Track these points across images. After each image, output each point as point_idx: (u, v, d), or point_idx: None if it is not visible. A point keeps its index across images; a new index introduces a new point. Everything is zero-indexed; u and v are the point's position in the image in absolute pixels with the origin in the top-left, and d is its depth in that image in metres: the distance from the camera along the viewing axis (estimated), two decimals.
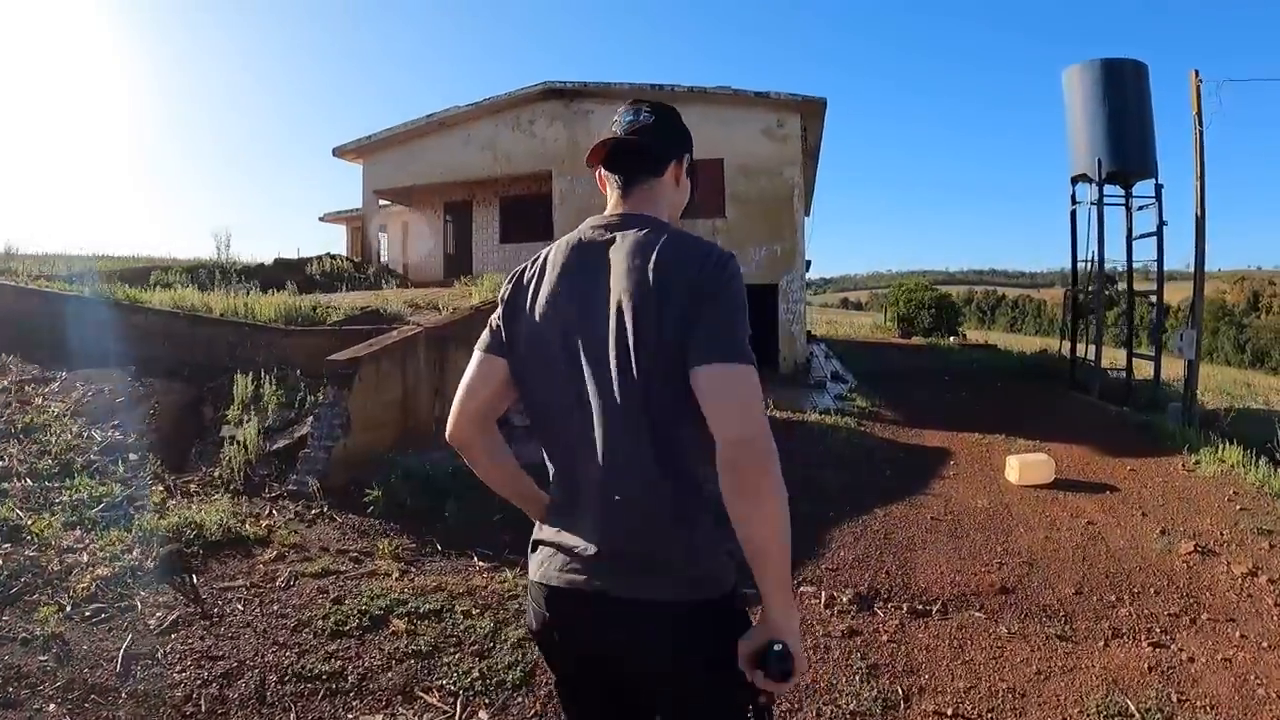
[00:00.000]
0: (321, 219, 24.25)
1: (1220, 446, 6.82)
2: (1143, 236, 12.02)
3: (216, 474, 5.21)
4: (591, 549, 1.12)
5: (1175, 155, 12.09)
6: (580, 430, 1.14)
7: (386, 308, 9.45)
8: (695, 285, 1.08)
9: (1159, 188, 11.71)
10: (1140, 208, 12.24)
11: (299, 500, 4.90)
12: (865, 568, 4.29)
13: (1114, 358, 14.21)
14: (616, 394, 1.10)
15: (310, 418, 5.89)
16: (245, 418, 5.87)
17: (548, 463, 1.26)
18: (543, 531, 1.25)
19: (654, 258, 1.11)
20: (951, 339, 26.19)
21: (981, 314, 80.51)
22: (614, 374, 1.10)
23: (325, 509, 4.79)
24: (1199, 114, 10.25)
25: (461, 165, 16.25)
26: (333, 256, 17.21)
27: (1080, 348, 13.13)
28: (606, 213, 1.25)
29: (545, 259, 1.24)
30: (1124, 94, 11.64)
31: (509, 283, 1.27)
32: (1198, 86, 10.22)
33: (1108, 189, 11.75)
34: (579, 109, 14.65)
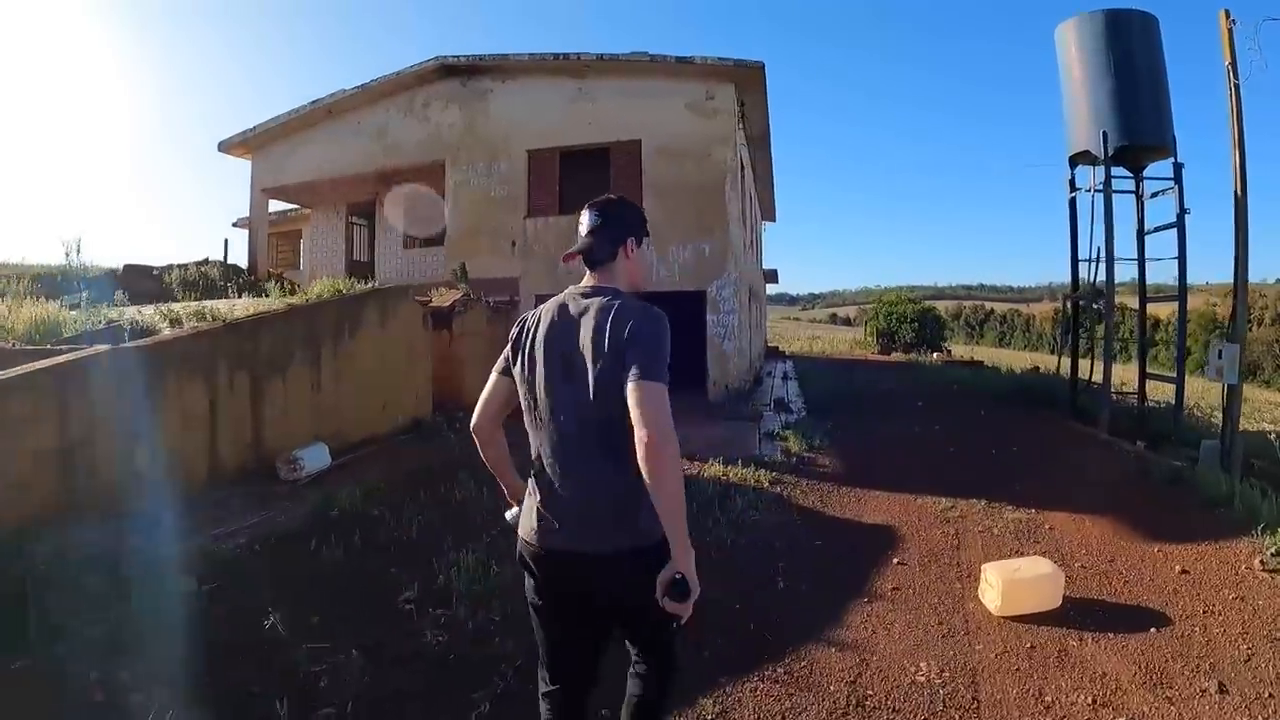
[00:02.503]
0: (235, 224, 21.72)
1: None
2: (1160, 229, 9.60)
3: None
4: (562, 518, 1.67)
5: (1189, 132, 9.72)
6: (557, 430, 1.70)
7: (145, 322, 6.94)
8: (631, 331, 1.62)
9: (1178, 167, 9.30)
10: (1154, 194, 9.84)
11: None
12: None
13: (1121, 377, 11.80)
14: (579, 406, 1.66)
15: None
16: None
17: (533, 452, 1.77)
18: (529, 501, 1.78)
19: (610, 316, 1.65)
20: (935, 355, 23.76)
21: (970, 329, 78.57)
22: (578, 392, 1.65)
23: None
24: (1233, 64, 7.89)
25: (348, 158, 13.83)
26: (202, 264, 14.75)
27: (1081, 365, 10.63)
28: (583, 284, 1.80)
29: (541, 313, 1.79)
30: (1131, 51, 9.28)
31: (517, 326, 1.83)
32: (1230, 30, 7.87)
33: (1114, 175, 9.37)
34: (476, 88, 12.27)
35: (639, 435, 1.50)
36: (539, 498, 1.73)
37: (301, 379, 6.85)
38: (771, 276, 26.87)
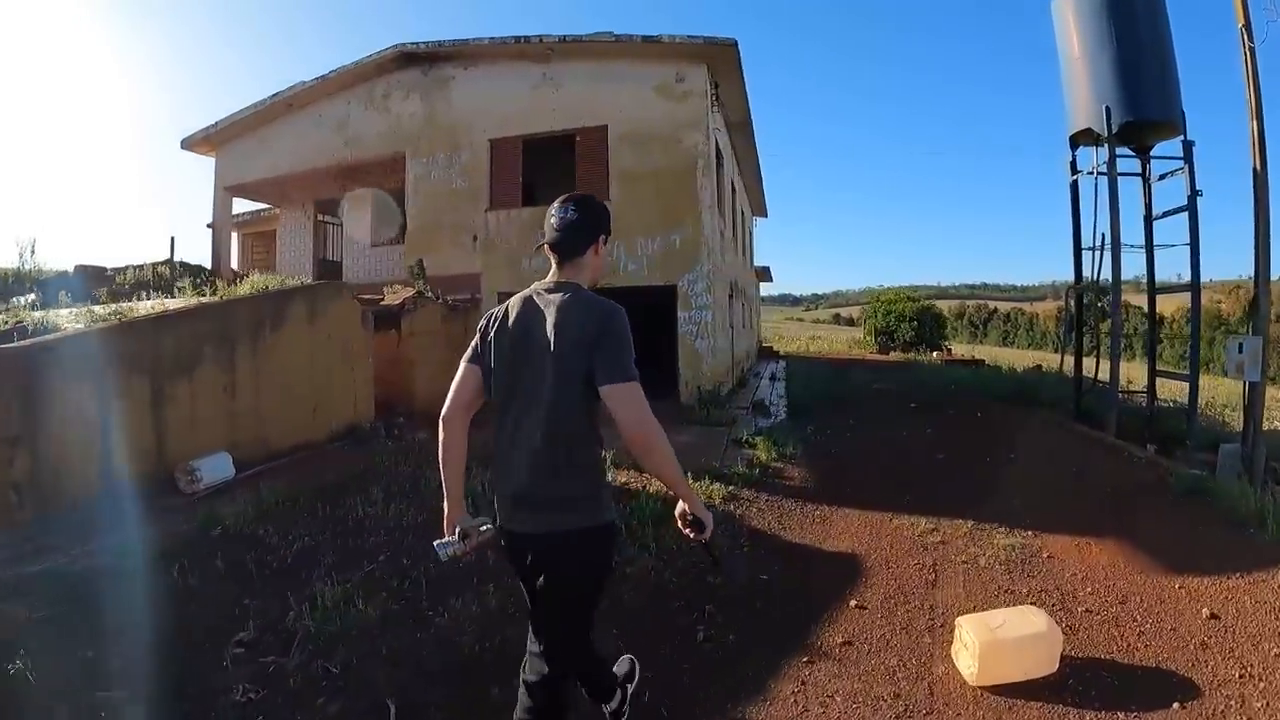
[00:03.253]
0: (210, 225, 21.05)
1: None
2: (1169, 213, 8.79)
3: None
4: (522, 500, 1.78)
5: (1196, 111, 8.91)
6: (518, 418, 1.78)
7: (53, 322, 6.22)
8: (593, 330, 1.71)
9: (1188, 145, 8.51)
10: (1162, 176, 9.03)
11: None
12: None
13: (1128, 375, 10.95)
14: (538, 398, 1.74)
15: None
16: None
17: (497, 438, 1.85)
18: (498, 487, 1.88)
19: (569, 312, 1.74)
20: (935, 354, 22.93)
21: (974, 327, 77.58)
22: (539, 384, 1.74)
23: None
24: (1247, 27, 7.10)
25: (310, 153, 13.12)
26: (158, 264, 14.05)
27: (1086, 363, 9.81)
28: (548, 279, 1.87)
29: (509, 306, 1.86)
30: (1134, 18, 8.48)
31: (485, 319, 1.91)
32: None
33: (1119, 155, 8.56)
34: (438, 75, 11.54)
35: (628, 436, 1.63)
36: (503, 480, 1.84)
37: (213, 382, 6.27)
38: (764, 274, 26.06)
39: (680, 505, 1.80)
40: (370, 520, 4.59)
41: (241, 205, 18.01)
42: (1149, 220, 9.08)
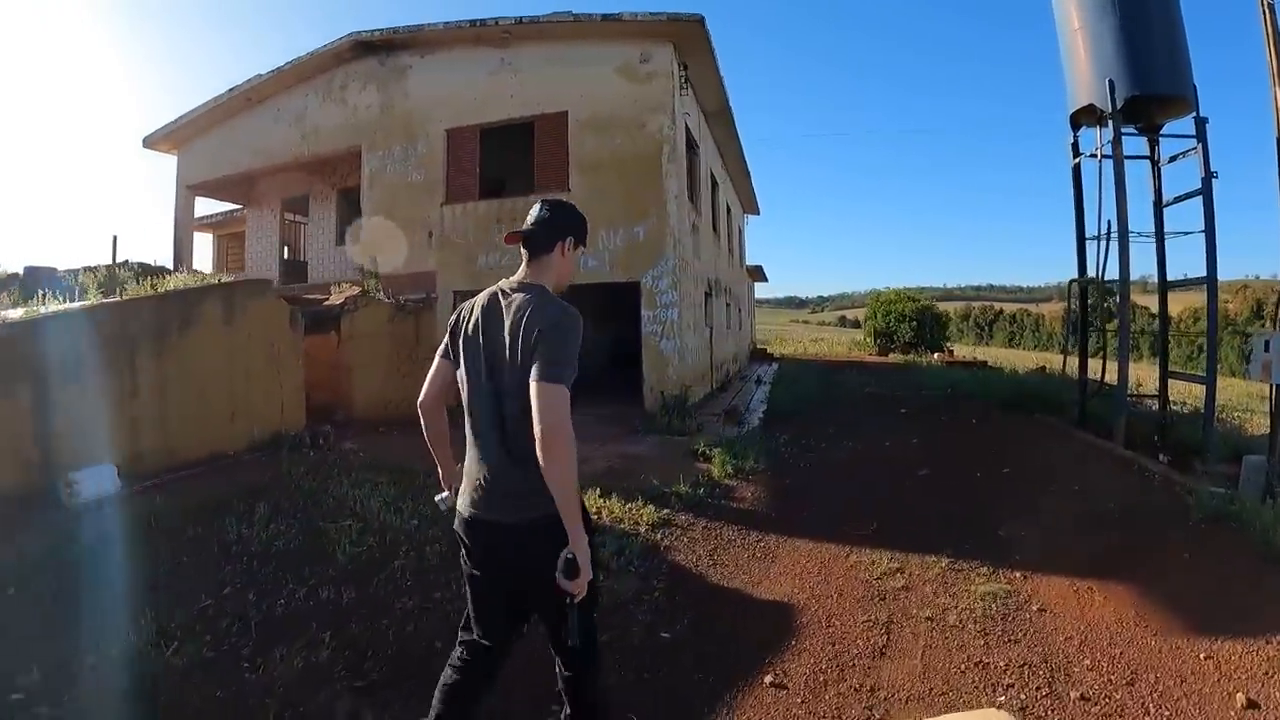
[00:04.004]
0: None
1: None
2: (1181, 199, 7.95)
3: None
4: (484, 490, 1.82)
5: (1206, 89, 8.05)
6: (482, 412, 1.83)
7: None
8: (541, 332, 1.72)
9: (1201, 122, 7.66)
10: (1172, 158, 8.19)
11: None
12: None
13: (1136, 377, 10.09)
14: (497, 394, 1.79)
15: None
16: None
17: (467, 431, 1.88)
18: (462, 477, 1.92)
19: (526, 313, 1.77)
20: (936, 356, 22.04)
21: (979, 329, 76.53)
22: (498, 380, 1.80)
23: None
24: None
25: (270, 149, 12.45)
26: (120, 265, 13.41)
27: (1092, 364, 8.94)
28: (514, 278, 1.90)
29: (475, 303, 1.92)
30: None
31: (455, 315, 1.96)
32: None
33: (1125, 134, 7.72)
34: (394, 65, 10.83)
35: (538, 436, 1.63)
36: (469, 472, 1.88)
37: (110, 387, 5.72)
38: (757, 274, 25.25)
39: (564, 551, 1.69)
40: (241, 543, 3.98)
41: (216, 206, 17.45)
42: (1159, 207, 8.24)
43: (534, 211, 1.95)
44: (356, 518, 4.36)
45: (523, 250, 1.91)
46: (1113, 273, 7.97)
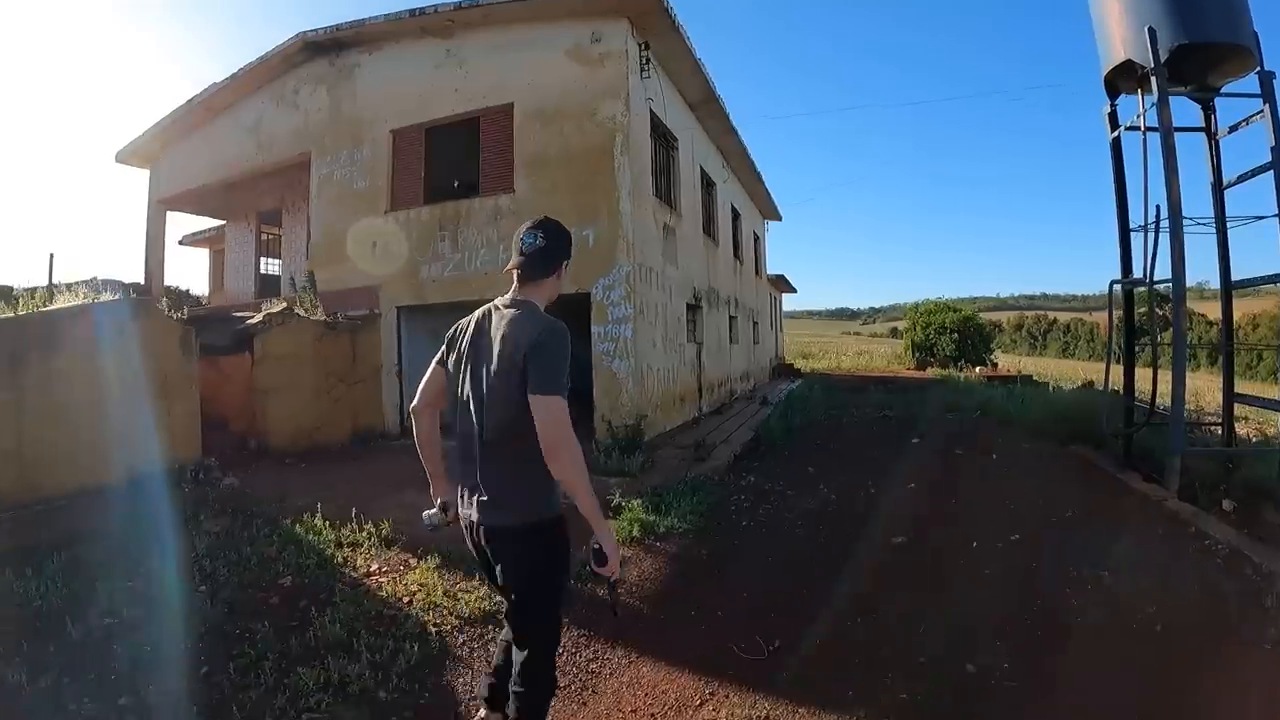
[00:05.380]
0: (181, 242, 20.30)
1: None
2: (1246, 177, 6.33)
3: None
4: (477, 497, 1.92)
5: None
6: (466, 420, 1.94)
7: None
8: (531, 344, 1.82)
9: (1268, 78, 6.04)
10: (1232, 127, 6.57)
11: None
12: None
13: (1192, 389, 8.28)
14: (488, 402, 1.89)
15: None
16: None
17: (457, 439, 1.99)
18: (458, 484, 2.02)
19: (514, 328, 1.88)
20: (977, 370, 20.09)
21: (1033, 339, 72.50)
22: (487, 392, 1.89)
23: None
24: None
25: (230, 159, 11.81)
26: (86, 283, 13.01)
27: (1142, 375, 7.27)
28: (508, 295, 2.00)
29: (474, 317, 2.03)
30: None
31: (452, 329, 2.08)
32: None
33: (1172, 95, 6.14)
34: (343, 64, 10.01)
35: (541, 439, 1.76)
36: (461, 478, 1.99)
37: None
38: (783, 284, 23.72)
39: (589, 540, 1.84)
40: None
41: (207, 222, 17.12)
42: (1218, 188, 6.59)
43: (525, 237, 2.01)
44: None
45: (518, 274, 1.99)
46: (1162, 271, 6.37)
